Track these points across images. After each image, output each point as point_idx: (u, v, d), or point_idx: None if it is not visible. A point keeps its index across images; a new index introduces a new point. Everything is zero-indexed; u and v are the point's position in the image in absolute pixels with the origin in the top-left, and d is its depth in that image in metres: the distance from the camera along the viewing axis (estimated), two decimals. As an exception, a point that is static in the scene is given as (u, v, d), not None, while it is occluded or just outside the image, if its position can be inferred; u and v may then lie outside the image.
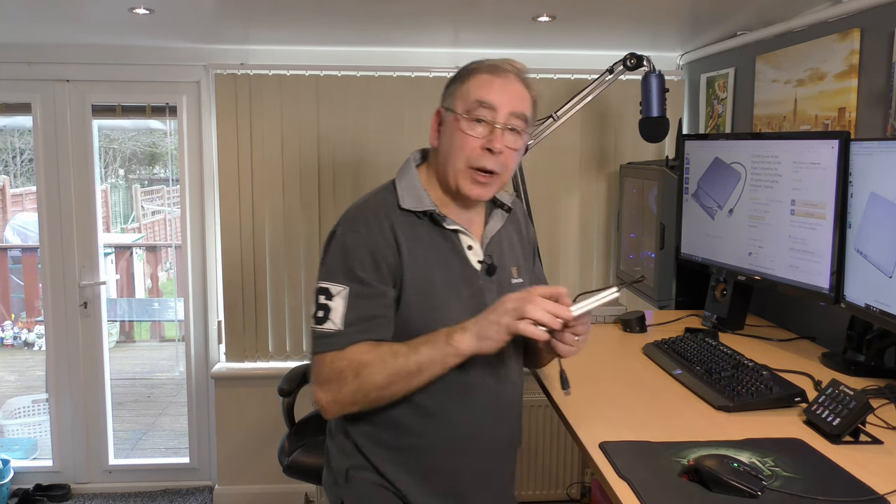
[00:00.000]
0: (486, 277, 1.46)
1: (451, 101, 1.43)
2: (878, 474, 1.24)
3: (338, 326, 1.36)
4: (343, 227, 1.42)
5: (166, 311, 6.65)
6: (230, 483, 3.36)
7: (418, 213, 1.42)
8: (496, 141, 1.37)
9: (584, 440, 1.40)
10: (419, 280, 1.39)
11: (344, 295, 1.36)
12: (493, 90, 1.39)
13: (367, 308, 1.36)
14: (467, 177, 1.40)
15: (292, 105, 3.16)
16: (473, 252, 1.46)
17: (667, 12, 2.50)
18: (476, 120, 1.38)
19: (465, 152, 1.38)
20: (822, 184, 1.85)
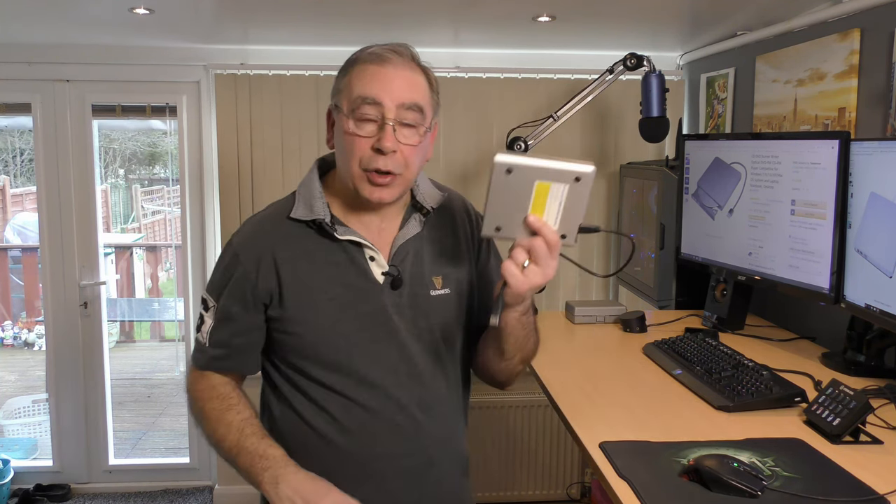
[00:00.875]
0: (391, 291, 1.30)
1: (338, 98, 1.28)
2: (878, 474, 1.24)
3: (205, 340, 1.33)
4: (232, 239, 1.34)
5: (166, 311, 6.65)
6: (230, 483, 3.36)
7: (308, 222, 1.30)
8: (386, 140, 1.21)
9: (584, 440, 1.40)
10: (302, 298, 1.27)
11: (213, 311, 1.32)
12: (377, 82, 1.23)
13: (228, 333, 1.31)
14: (364, 179, 1.24)
15: (292, 105, 3.16)
16: (377, 263, 1.31)
17: (667, 12, 2.50)
18: (361, 119, 1.23)
19: (357, 154, 1.23)
20: (823, 184, 1.85)
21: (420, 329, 1.33)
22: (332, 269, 1.29)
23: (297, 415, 1.32)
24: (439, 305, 1.35)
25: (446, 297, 1.36)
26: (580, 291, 3.37)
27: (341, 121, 1.26)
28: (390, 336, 1.30)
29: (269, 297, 1.29)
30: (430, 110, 1.29)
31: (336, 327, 1.28)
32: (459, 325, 1.39)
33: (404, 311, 1.31)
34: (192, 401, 1.36)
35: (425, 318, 1.33)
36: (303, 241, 1.30)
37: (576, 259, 3.58)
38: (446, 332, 1.36)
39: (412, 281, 1.32)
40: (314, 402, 1.30)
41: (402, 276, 1.31)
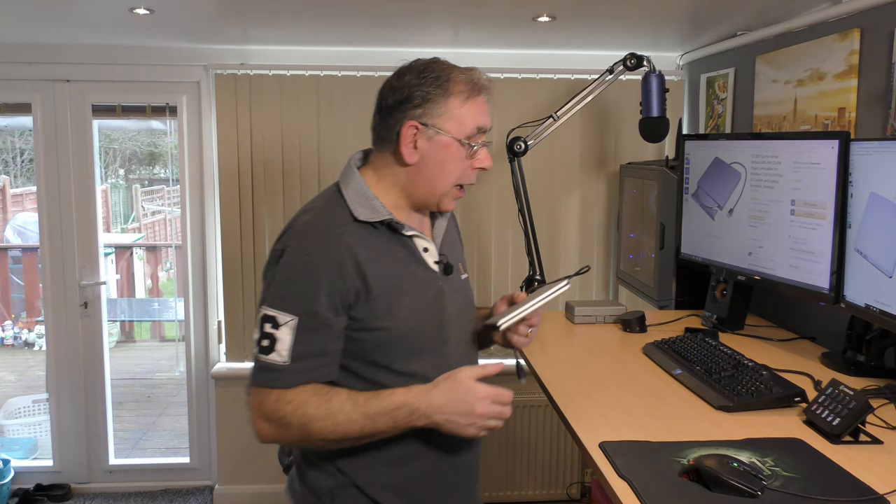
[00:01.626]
0: (444, 277, 1.44)
1: (441, 122, 1.35)
2: (878, 474, 1.24)
3: (284, 359, 1.27)
4: (292, 249, 1.31)
5: (166, 311, 6.66)
6: (230, 483, 3.36)
7: (374, 223, 1.35)
8: (488, 160, 1.41)
9: (584, 440, 1.40)
10: (386, 293, 1.33)
11: (292, 326, 1.27)
12: (487, 111, 1.40)
13: (315, 342, 1.29)
14: (451, 195, 1.40)
15: (292, 105, 3.16)
16: (430, 254, 1.42)
17: (667, 12, 2.50)
18: (475, 145, 1.38)
19: (458, 175, 1.38)
20: (822, 184, 1.85)
21: (460, 308, 1.48)
22: (401, 263, 1.38)
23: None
24: (468, 287, 1.55)
25: (468, 280, 1.56)
26: (581, 291, 3.38)
27: (448, 144, 1.35)
28: (449, 317, 1.43)
29: (356, 298, 1.31)
30: None
31: (415, 317, 1.36)
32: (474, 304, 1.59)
33: (453, 294, 1.45)
34: (285, 421, 1.28)
35: (464, 299, 1.50)
36: (372, 240, 1.35)
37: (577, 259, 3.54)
38: (473, 310, 1.56)
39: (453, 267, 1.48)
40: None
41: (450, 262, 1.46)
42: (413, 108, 1.35)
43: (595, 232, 3.35)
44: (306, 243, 1.31)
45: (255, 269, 3.24)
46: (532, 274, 2.59)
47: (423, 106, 1.35)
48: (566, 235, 3.34)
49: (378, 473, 1.38)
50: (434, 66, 1.40)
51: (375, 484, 1.38)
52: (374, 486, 1.38)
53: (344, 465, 1.38)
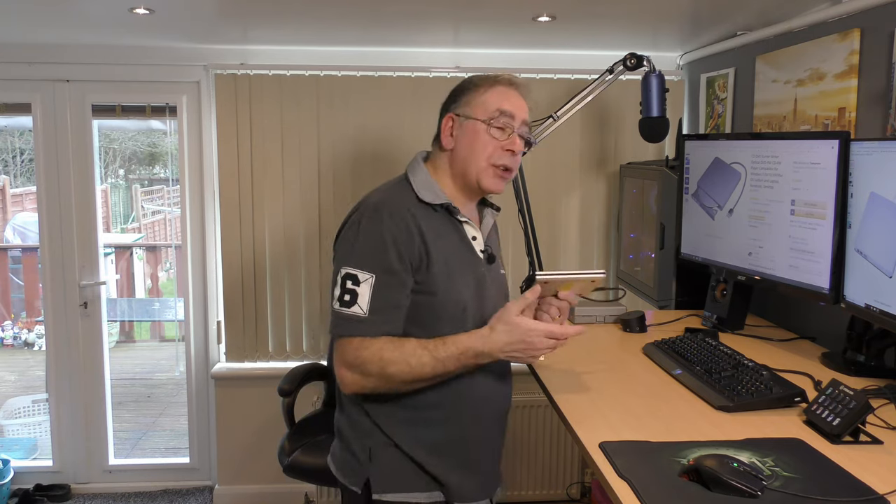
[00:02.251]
0: (487, 265, 1.64)
1: (469, 110, 1.59)
2: (878, 474, 1.24)
3: (364, 312, 1.47)
4: (369, 216, 1.52)
5: (166, 311, 6.66)
6: (230, 483, 3.36)
7: (435, 205, 1.57)
8: (516, 143, 1.59)
9: (584, 440, 1.40)
10: (443, 265, 1.53)
11: (371, 283, 1.48)
12: (512, 101, 1.60)
13: (390, 297, 1.49)
14: (490, 173, 1.58)
15: (292, 105, 3.16)
16: (477, 242, 1.64)
17: (667, 12, 2.50)
18: (498, 127, 1.57)
19: (489, 152, 1.57)
20: (822, 184, 1.85)
21: (498, 296, 1.66)
22: (455, 244, 1.59)
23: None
24: (505, 281, 1.74)
25: (506, 276, 1.76)
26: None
27: (473, 127, 1.58)
28: (487, 299, 1.61)
29: (420, 262, 1.51)
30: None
31: (462, 290, 1.55)
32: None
33: (493, 282, 1.65)
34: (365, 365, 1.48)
35: (500, 289, 1.69)
36: (432, 220, 1.56)
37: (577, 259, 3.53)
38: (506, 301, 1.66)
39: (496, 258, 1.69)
40: None
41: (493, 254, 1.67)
42: (451, 104, 1.63)
43: (595, 232, 3.35)
44: (380, 213, 1.51)
45: (255, 269, 3.24)
46: (532, 274, 2.59)
47: (457, 101, 1.62)
48: (566, 235, 3.34)
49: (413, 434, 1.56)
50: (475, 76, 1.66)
51: (410, 442, 1.56)
52: (409, 443, 1.56)
53: (384, 427, 1.56)
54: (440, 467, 1.56)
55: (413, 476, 1.56)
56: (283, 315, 3.28)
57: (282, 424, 2.66)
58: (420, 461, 1.56)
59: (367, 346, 1.47)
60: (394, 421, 1.56)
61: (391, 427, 1.56)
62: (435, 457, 1.56)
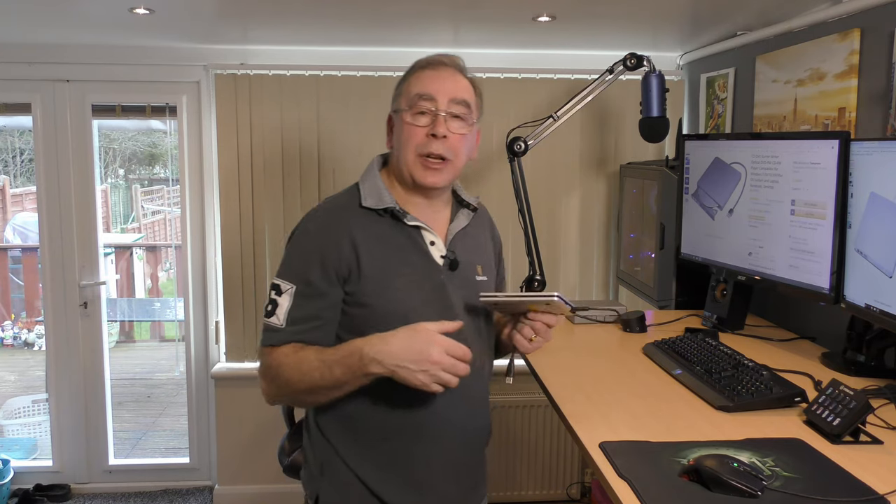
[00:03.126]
0: (449, 272, 1.50)
1: (397, 102, 1.51)
2: (878, 474, 1.24)
3: (280, 322, 1.43)
4: (301, 227, 1.49)
5: (166, 311, 6.65)
6: (230, 483, 3.36)
7: (379, 210, 1.48)
8: (439, 126, 1.44)
9: (584, 440, 1.40)
10: (377, 276, 1.43)
11: (290, 293, 1.44)
12: (431, 82, 1.47)
13: (308, 308, 1.43)
14: (419, 165, 1.46)
15: (292, 105, 3.16)
16: (436, 248, 1.51)
17: (667, 12, 2.50)
18: (419, 112, 1.46)
19: (413, 141, 1.46)
20: (822, 184, 1.85)
21: (469, 306, 1.52)
22: (400, 251, 1.48)
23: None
24: (483, 289, 1.57)
25: (485, 283, 1.59)
26: (580, 291, 3.37)
27: (400, 117, 1.48)
28: (447, 310, 1.47)
29: (349, 273, 1.44)
30: (476, 109, 1.53)
31: (406, 301, 1.44)
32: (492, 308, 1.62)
33: (458, 290, 1.51)
34: (266, 372, 1.44)
35: (472, 298, 1.53)
36: (373, 226, 1.47)
37: (577, 259, 3.52)
38: (484, 311, 1.58)
39: (463, 265, 1.53)
40: None
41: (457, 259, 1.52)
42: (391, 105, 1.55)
43: (595, 232, 3.35)
44: (311, 223, 1.49)
45: (255, 269, 3.24)
46: (532, 274, 2.59)
47: (393, 101, 1.55)
48: (566, 235, 3.34)
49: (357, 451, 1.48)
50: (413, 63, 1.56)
51: (355, 458, 1.48)
52: (354, 459, 1.48)
53: (332, 440, 1.50)
54: (384, 486, 1.47)
55: (358, 496, 1.48)
56: (283, 315, 3.28)
57: (282, 424, 2.66)
58: (364, 479, 1.47)
59: (275, 354, 1.42)
60: (340, 436, 1.49)
61: (338, 441, 1.49)
62: (380, 474, 1.47)
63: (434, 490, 1.50)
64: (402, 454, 1.48)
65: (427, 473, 1.49)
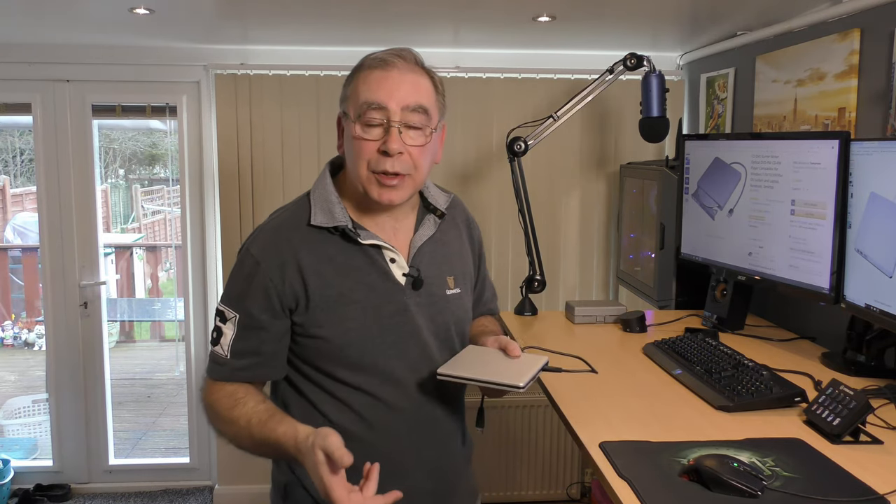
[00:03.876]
0: (412, 291, 1.35)
1: (345, 105, 1.33)
2: (878, 474, 1.24)
3: (225, 352, 1.31)
4: (244, 250, 1.35)
5: (166, 311, 6.66)
6: (230, 483, 3.36)
7: (330, 229, 1.32)
8: (392, 142, 1.26)
9: (584, 440, 1.40)
10: (329, 302, 1.30)
11: (234, 322, 1.31)
12: (380, 88, 1.27)
13: (252, 341, 1.31)
14: (373, 182, 1.29)
15: (292, 105, 3.16)
16: (398, 265, 1.35)
17: (667, 12, 2.50)
18: (368, 124, 1.27)
19: (365, 157, 1.28)
20: (822, 184, 1.85)
21: (438, 326, 1.39)
22: (355, 273, 1.32)
23: (321, 414, 1.34)
24: (453, 304, 1.42)
25: (458, 296, 1.43)
26: (580, 291, 3.38)
27: (349, 126, 1.30)
28: (412, 335, 1.35)
29: (296, 303, 1.30)
30: (436, 112, 1.33)
31: (362, 330, 1.31)
32: (468, 321, 1.50)
33: (424, 310, 1.36)
34: (207, 409, 1.35)
35: (442, 316, 1.40)
36: (324, 247, 1.32)
37: (577, 259, 3.52)
38: (459, 328, 1.44)
39: (430, 281, 1.38)
40: (339, 400, 1.34)
41: (421, 276, 1.36)
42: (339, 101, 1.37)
43: (595, 232, 3.35)
44: (255, 246, 1.34)
45: (255, 269, 3.23)
46: (532, 274, 2.59)
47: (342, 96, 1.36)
48: (566, 235, 3.34)
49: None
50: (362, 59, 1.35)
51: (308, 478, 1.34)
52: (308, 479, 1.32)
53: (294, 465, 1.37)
54: None
55: None
56: (283, 315, 3.28)
57: (282, 424, 2.66)
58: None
59: (214, 391, 1.32)
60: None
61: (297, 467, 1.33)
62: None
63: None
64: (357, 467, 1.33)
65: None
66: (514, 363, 1.31)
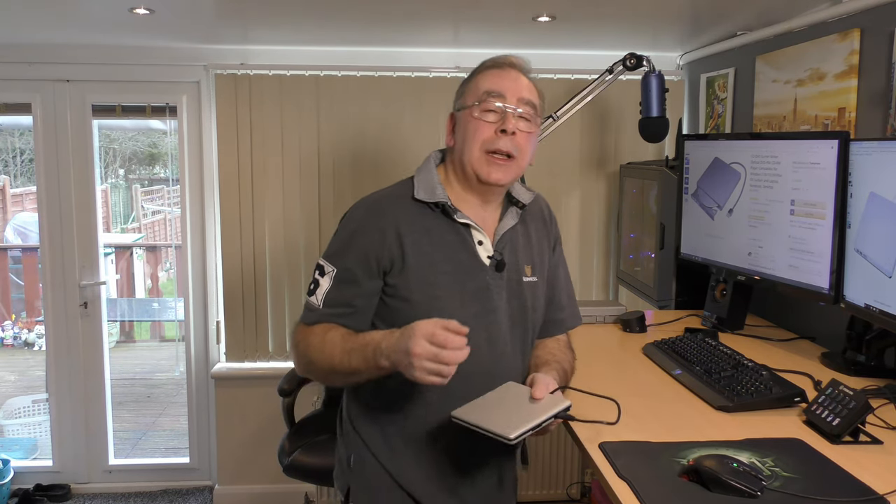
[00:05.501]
0: (494, 273, 1.48)
1: (461, 101, 1.49)
2: (878, 474, 1.24)
3: (318, 302, 1.45)
4: (351, 213, 1.49)
5: (166, 311, 6.66)
6: (230, 483, 3.36)
7: (431, 204, 1.46)
8: (508, 122, 1.42)
9: (584, 440, 1.40)
10: (423, 269, 1.42)
11: (331, 276, 1.45)
12: (501, 80, 1.46)
13: (346, 294, 1.44)
14: (484, 161, 1.43)
15: (292, 105, 3.16)
16: (484, 248, 1.48)
17: (667, 12, 2.50)
18: (487, 109, 1.43)
19: (480, 137, 1.43)
20: (822, 184, 1.85)
21: (513, 309, 1.50)
22: (448, 247, 1.46)
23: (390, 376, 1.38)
24: (529, 291, 1.54)
25: (534, 285, 1.56)
26: (580, 291, 3.38)
27: (466, 115, 1.46)
28: (489, 313, 1.47)
29: (391, 265, 1.43)
30: (540, 112, 1.51)
31: (448, 298, 1.43)
32: (540, 310, 1.59)
33: (502, 292, 1.49)
34: (296, 347, 1.46)
35: (517, 301, 1.51)
36: (423, 219, 1.46)
37: (577, 259, 3.52)
38: (532, 315, 1.55)
39: (510, 266, 1.50)
40: None
41: (504, 260, 1.49)
42: (454, 104, 1.53)
43: (595, 232, 3.35)
44: (359, 211, 1.48)
45: (256, 269, 3.24)
46: (532, 274, 2.59)
47: (456, 98, 1.53)
48: (566, 235, 3.34)
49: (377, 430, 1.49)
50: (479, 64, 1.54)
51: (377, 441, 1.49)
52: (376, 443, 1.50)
53: (359, 428, 1.52)
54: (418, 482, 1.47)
55: (387, 493, 1.49)
56: (283, 315, 3.28)
57: (282, 424, 2.67)
58: (395, 474, 1.48)
59: (307, 332, 1.45)
60: (372, 429, 1.50)
61: (363, 427, 1.51)
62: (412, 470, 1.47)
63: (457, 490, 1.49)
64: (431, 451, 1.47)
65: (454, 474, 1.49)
66: (527, 409, 1.32)
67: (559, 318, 1.67)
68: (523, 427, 1.26)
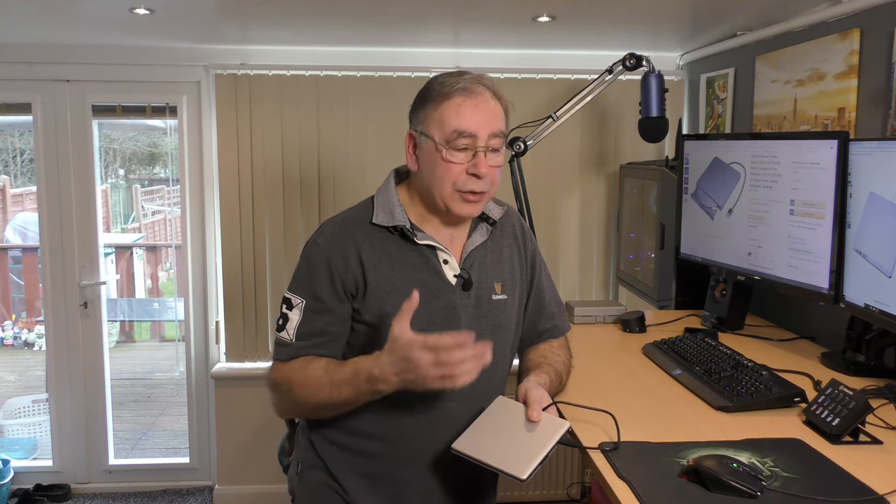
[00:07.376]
0: (462, 292, 1.46)
1: (426, 127, 1.42)
2: (878, 474, 1.24)
3: (290, 337, 1.43)
4: (311, 241, 1.48)
5: (166, 311, 6.65)
6: (230, 483, 3.36)
7: (389, 228, 1.45)
8: (481, 166, 1.38)
9: (583, 440, 1.40)
10: (382, 294, 1.41)
11: (300, 307, 1.44)
12: (471, 117, 1.38)
13: (317, 323, 1.43)
14: (456, 199, 1.41)
15: (292, 105, 3.16)
16: (450, 266, 1.46)
17: (667, 12, 2.50)
18: (457, 149, 1.38)
19: (451, 178, 1.39)
20: (822, 184, 1.85)
21: (482, 328, 1.46)
22: (410, 269, 1.44)
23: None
24: (498, 309, 1.51)
25: (504, 302, 1.52)
26: (580, 291, 3.38)
27: (433, 150, 1.40)
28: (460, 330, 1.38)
29: (356, 289, 1.43)
30: (507, 129, 1.47)
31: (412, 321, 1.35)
32: (511, 329, 1.55)
33: (470, 311, 1.47)
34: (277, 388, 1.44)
35: (486, 319, 1.49)
36: (383, 243, 1.45)
37: (577, 259, 3.51)
38: (502, 334, 1.52)
39: (478, 284, 1.48)
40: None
41: (471, 278, 1.47)
42: (411, 115, 1.48)
43: (595, 232, 3.35)
44: (322, 237, 1.46)
45: (255, 269, 3.24)
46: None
47: (416, 114, 1.46)
48: (566, 235, 3.34)
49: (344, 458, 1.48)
50: (436, 76, 1.45)
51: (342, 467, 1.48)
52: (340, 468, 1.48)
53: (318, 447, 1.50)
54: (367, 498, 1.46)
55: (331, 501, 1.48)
56: (283, 315, 3.28)
57: (282, 424, 2.66)
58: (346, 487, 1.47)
59: (284, 369, 1.42)
60: (328, 442, 1.49)
61: (324, 447, 1.49)
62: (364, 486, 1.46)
63: None
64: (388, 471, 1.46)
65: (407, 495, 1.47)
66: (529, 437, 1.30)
67: (550, 326, 1.65)
68: (534, 462, 1.25)
